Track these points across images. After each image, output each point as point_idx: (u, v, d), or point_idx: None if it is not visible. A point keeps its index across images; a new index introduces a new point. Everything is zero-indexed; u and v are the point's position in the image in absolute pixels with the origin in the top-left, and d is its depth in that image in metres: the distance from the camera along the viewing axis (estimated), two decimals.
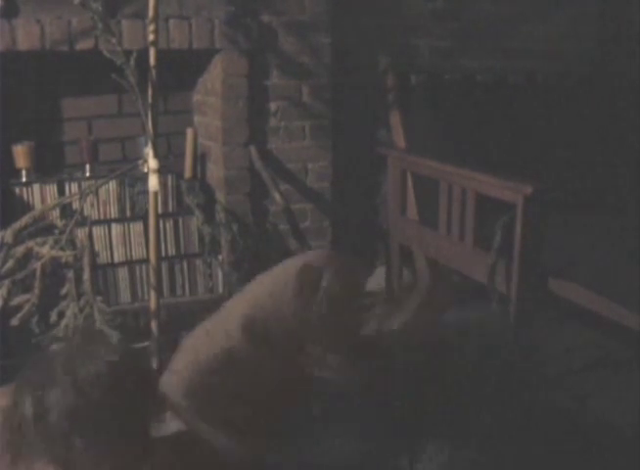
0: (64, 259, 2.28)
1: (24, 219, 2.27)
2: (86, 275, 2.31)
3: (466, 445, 1.63)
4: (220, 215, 2.74)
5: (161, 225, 2.65)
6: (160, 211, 2.38)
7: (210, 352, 1.46)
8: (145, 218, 2.58)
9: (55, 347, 1.42)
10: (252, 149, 2.74)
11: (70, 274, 2.31)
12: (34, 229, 2.28)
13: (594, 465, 1.71)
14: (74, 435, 1.20)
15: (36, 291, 2.23)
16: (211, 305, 1.78)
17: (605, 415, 2.08)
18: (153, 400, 1.30)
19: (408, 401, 1.58)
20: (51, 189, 2.57)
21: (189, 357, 1.51)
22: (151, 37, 2.23)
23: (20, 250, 2.24)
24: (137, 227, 2.68)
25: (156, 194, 2.31)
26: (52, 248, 2.25)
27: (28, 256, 2.26)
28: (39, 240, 2.26)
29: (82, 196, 2.36)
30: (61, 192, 2.58)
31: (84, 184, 2.57)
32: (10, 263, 2.21)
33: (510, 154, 3.01)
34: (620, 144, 3.19)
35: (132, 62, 2.16)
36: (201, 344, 1.53)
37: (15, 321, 2.21)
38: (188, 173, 2.77)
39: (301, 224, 2.83)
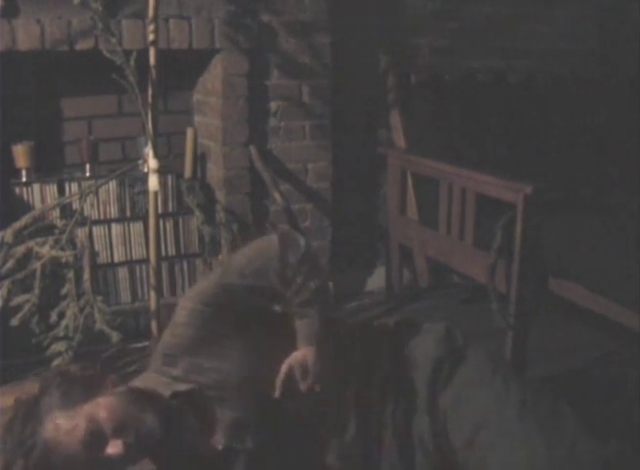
0: (64, 259, 2.29)
1: (24, 219, 2.27)
2: (86, 275, 2.31)
3: None
4: (220, 215, 2.74)
5: (161, 225, 2.65)
6: (160, 210, 2.39)
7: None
8: (145, 218, 2.58)
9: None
10: (252, 149, 2.74)
11: (70, 274, 2.31)
12: (34, 229, 2.28)
13: None
14: None
15: (36, 291, 2.23)
16: None
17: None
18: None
19: None
20: (51, 189, 2.57)
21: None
22: (151, 37, 2.24)
23: (20, 250, 2.24)
24: (137, 227, 2.68)
25: (156, 194, 2.32)
26: (52, 248, 2.25)
27: (28, 256, 2.26)
28: (39, 240, 2.26)
29: (82, 196, 2.36)
30: (61, 192, 2.58)
31: (84, 184, 2.56)
32: (10, 263, 2.21)
33: (510, 154, 3.01)
34: (620, 144, 3.19)
35: (132, 62, 2.17)
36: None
37: (15, 321, 2.21)
38: (188, 173, 2.77)
39: (301, 224, 2.83)
